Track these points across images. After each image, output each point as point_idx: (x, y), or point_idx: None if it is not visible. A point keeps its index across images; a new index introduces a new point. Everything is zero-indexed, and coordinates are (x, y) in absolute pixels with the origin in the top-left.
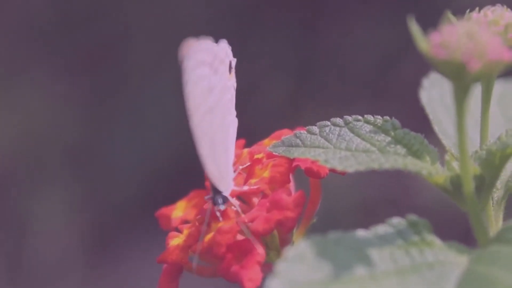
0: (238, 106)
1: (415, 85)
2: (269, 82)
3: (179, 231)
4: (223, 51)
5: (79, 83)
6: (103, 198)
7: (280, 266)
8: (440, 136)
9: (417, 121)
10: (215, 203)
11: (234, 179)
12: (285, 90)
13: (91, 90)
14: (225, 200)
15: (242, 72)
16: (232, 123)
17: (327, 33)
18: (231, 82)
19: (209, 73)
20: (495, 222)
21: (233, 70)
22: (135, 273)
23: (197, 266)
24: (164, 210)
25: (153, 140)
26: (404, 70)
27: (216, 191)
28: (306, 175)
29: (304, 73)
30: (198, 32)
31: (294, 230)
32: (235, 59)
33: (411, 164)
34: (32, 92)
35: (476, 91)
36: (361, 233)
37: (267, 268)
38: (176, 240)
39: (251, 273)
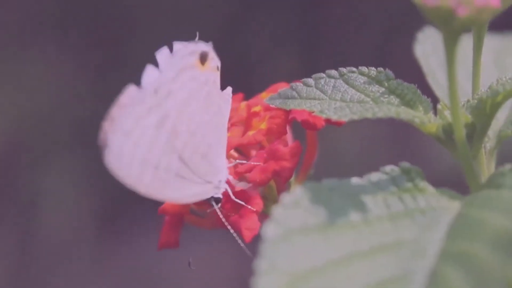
0: (244, 79)
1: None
2: (274, 56)
3: None
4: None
5: (86, 58)
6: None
7: (276, 211)
8: (434, 87)
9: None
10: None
11: (231, 132)
12: (290, 64)
13: (98, 65)
14: (219, 201)
15: (247, 46)
16: (217, 114)
17: (333, 4)
18: (205, 77)
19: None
20: (487, 170)
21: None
22: (148, 247)
23: (197, 218)
24: None
25: None
26: (409, 41)
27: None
28: (303, 127)
29: (310, 46)
30: (201, 5)
31: (292, 181)
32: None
33: (403, 113)
34: (40, 67)
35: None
36: (355, 180)
37: (265, 219)
38: None
39: (248, 222)
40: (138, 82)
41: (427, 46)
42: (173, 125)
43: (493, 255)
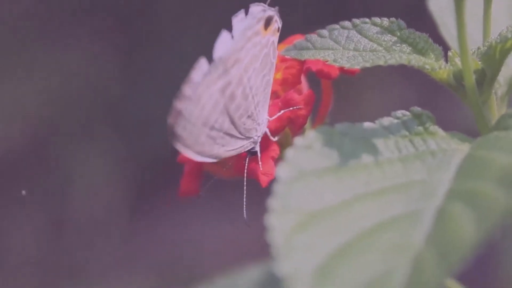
0: None
1: None
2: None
3: None
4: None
5: (115, 41)
6: (145, 153)
7: (289, 153)
8: (446, 37)
9: None
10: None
11: None
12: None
13: (126, 48)
14: (255, 154)
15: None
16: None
17: None
18: (266, 40)
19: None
20: (498, 116)
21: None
22: (179, 226)
23: (215, 166)
24: None
25: None
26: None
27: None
28: (318, 77)
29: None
30: None
31: (307, 129)
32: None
33: (415, 59)
34: (70, 51)
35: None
36: (367, 124)
37: None
38: None
39: (265, 168)
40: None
41: (441, 0)
42: (232, 90)
43: (498, 190)
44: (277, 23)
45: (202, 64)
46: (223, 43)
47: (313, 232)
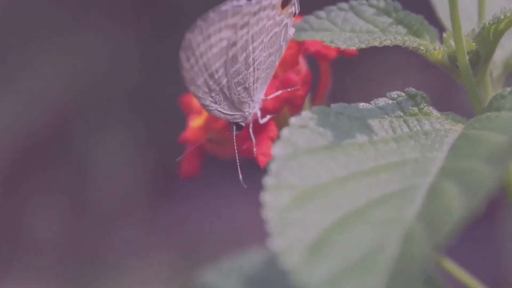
0: None
1: None
2: None
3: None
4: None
5: (137, 27)
6: (165, 138)
7: (284, 132)
8: (442, 17)
9: None
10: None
11: None
12: None
13: (147, 34)
14: (241, 128)
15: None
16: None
17: None
18: (280, 19)
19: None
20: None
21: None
22: (198, 211)
23: (216, 146)
24: (187, 97)
25: None
26: None
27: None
28: (315, 58)
29: None
30: None
31: (306, 109)
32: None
33: (409, 41)
34: (93, 37)
35: None
36: (362, 105)
37: None
38: (197, 121)
39: (263, 148)
40: None
41: None
42: (235, 52)
43: (486, 167)
44: (294, 7)
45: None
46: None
47: (308, 208)
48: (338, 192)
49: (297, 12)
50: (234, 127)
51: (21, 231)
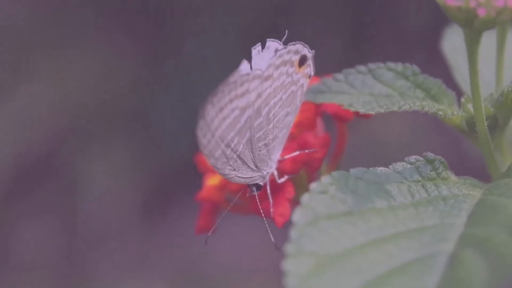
0: None
1: None
2: (321, 44)
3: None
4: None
5: (133, 44)
6: (158, 159)
7: (304, 198)
8: (459, 81)
9: None
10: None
11: None
12: (338, 52)
13: (144, 52)
14: (260, 188)
15: (292, 35)
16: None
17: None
18: (297, 77)
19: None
20: (509, 160)
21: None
22: (192, 233)
23: (232, 204)
24: (202, 156)
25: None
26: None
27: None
28: (333, 120)
29: (356, 33)
30: None
31: (323, 170)
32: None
33: (428, 106)
34: (88, 53)
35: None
36: (381, 169)
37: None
38: (212, 180)
39: (281, 209)
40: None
41: (455, 42)
42: (260, 105)
43: (509, 238)
44: (309, 68)
45: (239, 72)
46: (261, 57)
47: (328, 276)
48: (358, 260)
49: (312, 74)
50: (254, 188)
51: (11, 253)
